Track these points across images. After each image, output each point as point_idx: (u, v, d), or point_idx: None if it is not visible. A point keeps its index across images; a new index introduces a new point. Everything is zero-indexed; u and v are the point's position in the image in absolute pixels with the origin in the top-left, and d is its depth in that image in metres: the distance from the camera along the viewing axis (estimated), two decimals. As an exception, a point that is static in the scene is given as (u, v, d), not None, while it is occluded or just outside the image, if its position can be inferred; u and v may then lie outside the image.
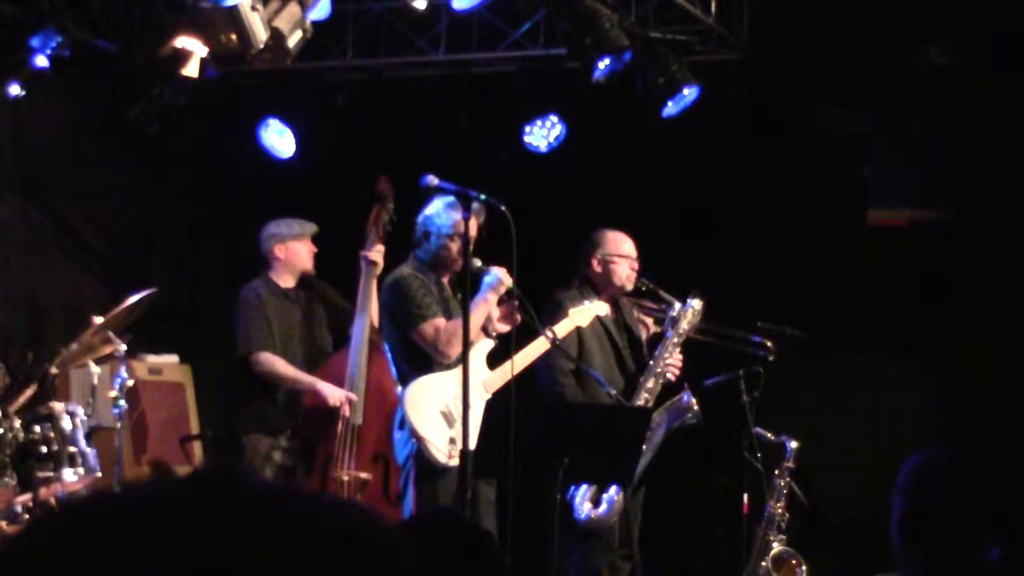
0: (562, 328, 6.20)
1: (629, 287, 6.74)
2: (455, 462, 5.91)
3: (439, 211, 6.15)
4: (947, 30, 7.27)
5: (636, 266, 6.73)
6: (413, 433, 5.93)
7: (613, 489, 6.39)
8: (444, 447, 5.92)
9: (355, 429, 6.85)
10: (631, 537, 6.44)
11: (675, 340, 6.64)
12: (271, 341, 7.04)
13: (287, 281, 7.22)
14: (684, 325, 6.65)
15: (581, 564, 6.50)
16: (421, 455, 5.95)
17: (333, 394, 6.81)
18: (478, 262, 5.98)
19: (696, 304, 6.68)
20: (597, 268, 6.72)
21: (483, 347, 6.17)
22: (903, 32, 7.46)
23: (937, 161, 7.90)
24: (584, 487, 6.38)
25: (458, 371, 5.96)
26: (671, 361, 6.62)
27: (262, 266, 7.26)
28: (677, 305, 6.68)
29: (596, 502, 6.44)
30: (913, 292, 8.05)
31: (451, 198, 5.95)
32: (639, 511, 6.69)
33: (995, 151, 7.72)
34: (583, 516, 6.40)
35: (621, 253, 6.71)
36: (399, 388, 6.16)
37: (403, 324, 6.09)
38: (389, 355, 6.27)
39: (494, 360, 6.20)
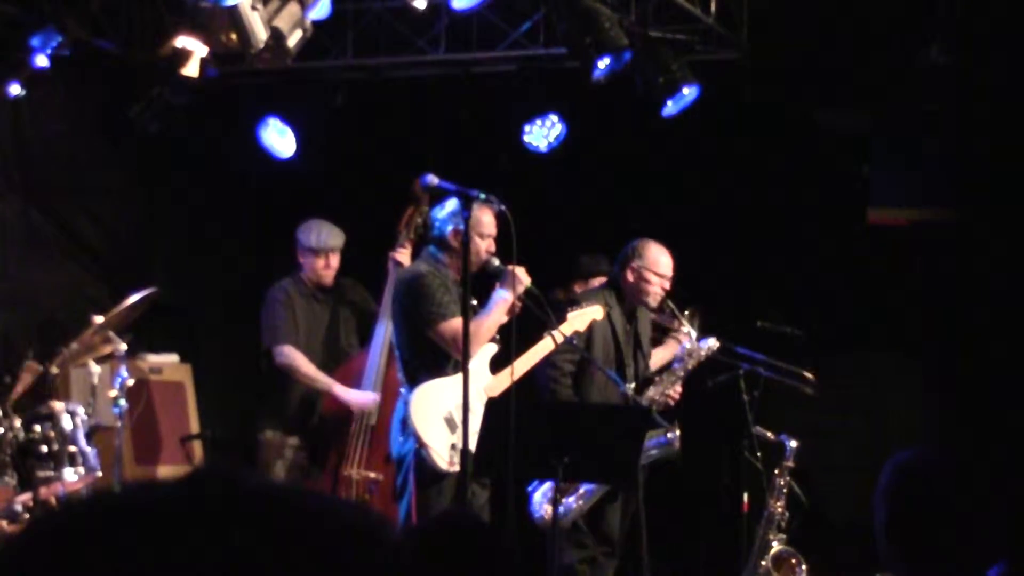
0: (564, 330, 6.17)
1: (653, 305, 6.71)
2: (456, 468, 5.90)
3: (464, 209, 6.05)
4: (947, 30, 7.27)
5: (667, 286, 6.68)
6: (416, 439, 5.89)
7: (583, 491, 6.39)
8: (446, 454, 5.90)
9: (369, 429, 6.86)
10: (641, 540, 6.44)
11: (680, 374, 6.64)
12: (295, 338, 7.07)
13: (315, 281, 7.25)
14: (692, 363, 6.65)
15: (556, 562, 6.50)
16: (423, 459, 5.93)
17: (353, 400, 6.82)
18: (496, 261, 5.94)
19: (712, 344, 6.66)
20: (630, 277, 6.67)
21: (486, 352, 6.13)
22: (903, 32, 7.46)
23: (937, 161, 7.91)
24: (547, 485, 6.33)
25: (460, 376, 5.94)
26: (670, 392, 6.62)
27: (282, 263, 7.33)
28: (693, 336, 6.65)
29: (555, 504, 6.41)
30: (913, 292, 8.05)
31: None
32: (622, 513, 6.68)
33: (995, 151, 7.73)
34: (538, 514, 6.38)
35: (658, 271, 6.65)
36: (405, 388, 6.10)
37: (420, 322, 6.00)
38: (397, 353, 6.20)
39: (496, 364, 6.18)
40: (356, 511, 0.95)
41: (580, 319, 6.32)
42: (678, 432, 6.52)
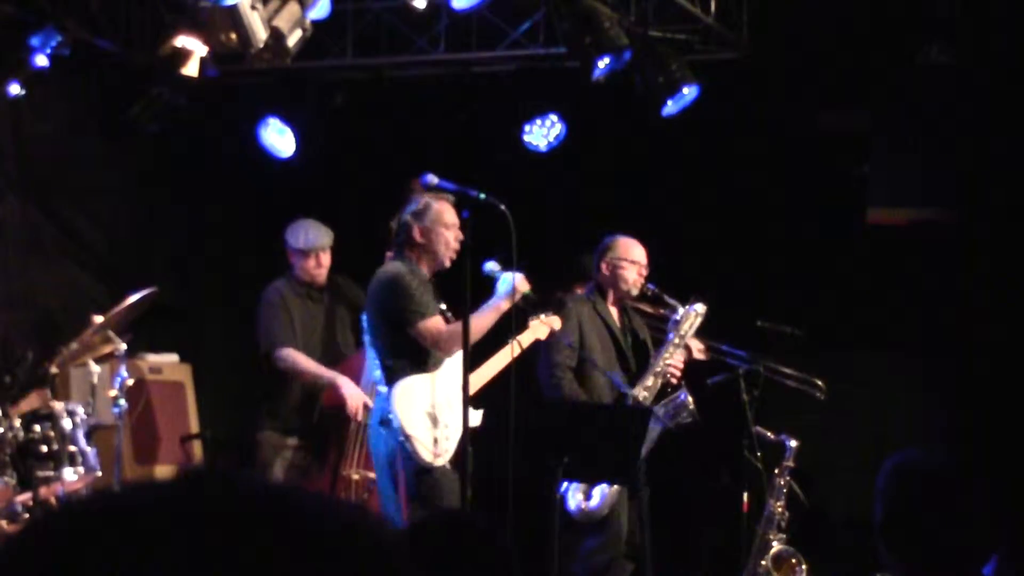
0: (525, 339, 6.18)
1: (635, 292, 6.80)
2: (440, 462, 5.93)
3: (425, 205, 6.09)
4: (947, 30, 7.27)
5: (644, 272, 6.78)
6: (401, 432, 5.92)
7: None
8: (431, 446, 5.93)
9: (367, 429, 6.86)
10: (643, 538, 6.46)
11: (676, 341, 6.69)
12: (292, 338, 7.06)
13: (308, 281, 7.24)
14: (686, 327, 6.69)
15: (586, 558, 6.52)
16: (407, 453, 5.95)
17: (352, 396, 6.81)
18: (495, 265, 5.94)
19: (699, 308, 6.72)
20: (605, 271, 6.81)
21: (460, 353, 6.14)
22: (903, 32, 7.46)
23: (937, 161, 7.90)
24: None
25: (440, 373, 5.99)
26: (672, 362, 6.67)
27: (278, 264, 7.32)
28: (680, 309, 6.72)
29: (587, 494, 6.48)
30: (913, 292, 8.05)
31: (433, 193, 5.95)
32: (647, 512, 6.69)
33: (995, 151, 7.72)
34: (574, 508, 6.43)
35: (630, 258, 6.78)
36: (382, 387, 6.11)
37: (401, 322, 5.99)
38: (375, 353, 6.19)
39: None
40: (355, 511, 0.95)
41: (540, 328, 6.35)
42: (687, 396, 6.55)
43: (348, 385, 6.85)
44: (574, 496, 6.46)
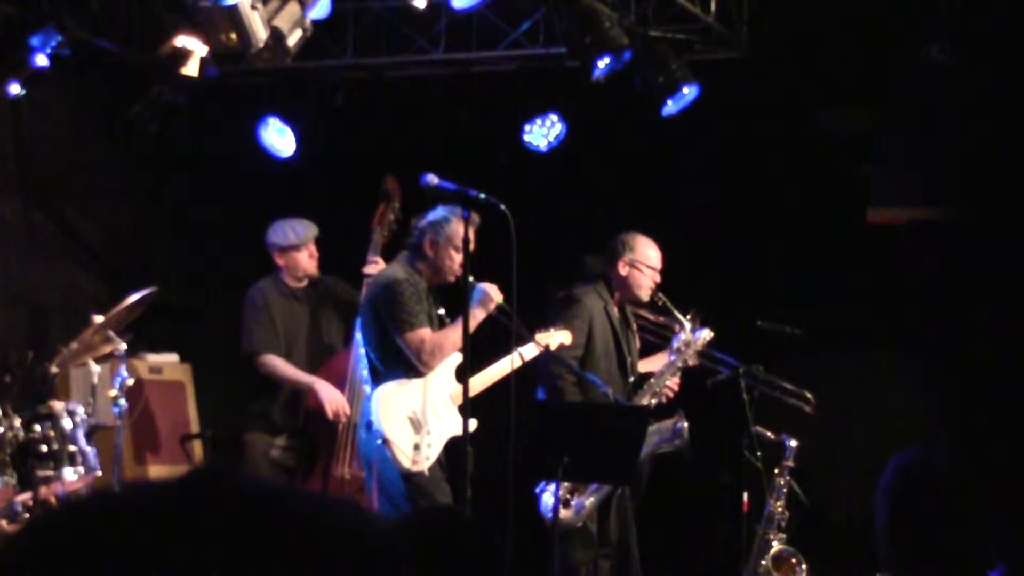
0: (528, 352, 6.18)
1: (645, 299, 6.75)
2: (419, 468, 5.94)
3: (445, 219, 6.11)
4: (947, 30, 7.27)
5: (658, 279, 6.74)
6: (380, 436, 5.94)
7: (592, 488, 6.40)
8: (410, 452, 5.94)
9: (356, 428, 6.85)
10: (629, 542, 6.45)
11: (679, 364, 6.66)
12: (275, 342, 7.06)
13: (294, 281, 7.23)
14: (691, 353, 6.67)
15: (559, 561, 6.50)
16: (386, 458, 5.96)
17: (329, 400, 6.80)
18: (469, 276, 5.95)
19: (707, 335, 6.69)
20: (622, 271, 6.73)
21: (452, 360, 6.16)
22: (903, 32, 7.46)
23: (937, 161, 7.90)
24: (553, 484, 6.35)
25: (425, 380, 6.01)
26: (669, 383, 6.65)
27: (271, 265, 7.30)
28: (688, 328, 6.67)
29: (566, 503, 6.41)
30: (913, 292, 8.05)
31: (456, 208, 5.96)
32: (629, 515, 6.69)
33: (995, 151, 7.72)
34: (549, 515, 6.38)
35: (649, 264, 6.72)
36: (368, 387, 6.14)
37: (390, 327, 6.07)
38: (365, 354, 6.22)
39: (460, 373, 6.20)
40: (352, 510, 0.95)
41: (547, 340, 6.33)
42: (685, 424, 6.55)
43: (325, 388, 6.84)
44: (551, 505, 6.39)
